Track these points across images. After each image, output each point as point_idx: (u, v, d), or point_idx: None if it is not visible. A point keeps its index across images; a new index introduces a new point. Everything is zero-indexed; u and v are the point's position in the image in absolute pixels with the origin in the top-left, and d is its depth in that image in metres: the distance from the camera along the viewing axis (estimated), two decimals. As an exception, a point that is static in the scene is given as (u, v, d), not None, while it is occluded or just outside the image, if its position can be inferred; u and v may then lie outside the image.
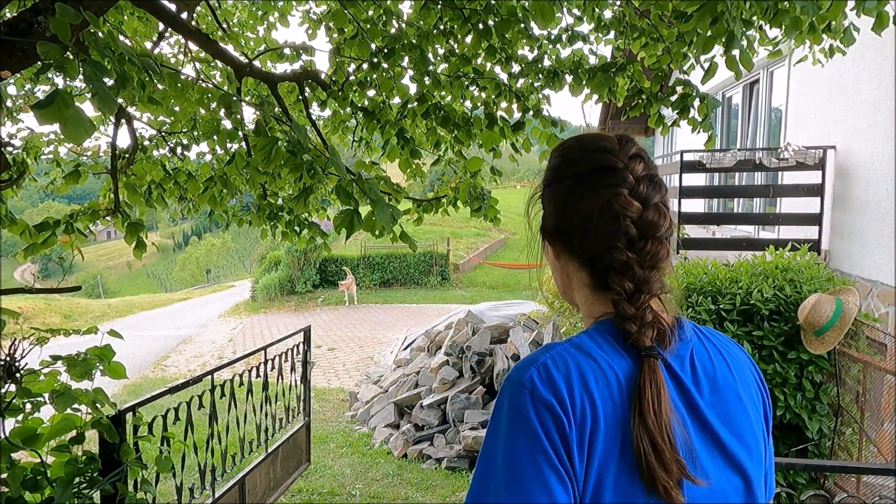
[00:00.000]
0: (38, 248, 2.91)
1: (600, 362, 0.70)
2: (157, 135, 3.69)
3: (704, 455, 0.70)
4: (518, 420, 0.66)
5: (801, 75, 5.63)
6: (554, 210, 0.83)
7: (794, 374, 3.12)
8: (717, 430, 0.72)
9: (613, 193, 0.76)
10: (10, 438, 1.81)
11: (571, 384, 0.67)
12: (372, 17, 2.95)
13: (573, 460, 0.64)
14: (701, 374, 0.74)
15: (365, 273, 18.33)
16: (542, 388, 0.66)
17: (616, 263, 0.75)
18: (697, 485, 0.67)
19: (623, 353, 0.72)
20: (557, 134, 2.92)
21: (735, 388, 0.75)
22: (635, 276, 0.74)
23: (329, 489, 4.90)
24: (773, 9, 2.07)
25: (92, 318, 18.00)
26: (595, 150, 0.80)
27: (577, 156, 0.81)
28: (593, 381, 0.68)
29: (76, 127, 1.21)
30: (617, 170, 0.77)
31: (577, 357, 0.70)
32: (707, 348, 0.77)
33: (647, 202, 0.76)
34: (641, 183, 0.77)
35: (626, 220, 0.75)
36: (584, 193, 0.78)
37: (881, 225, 4.21)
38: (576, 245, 0.80)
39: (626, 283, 0.74)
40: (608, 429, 0.66)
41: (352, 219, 1.72)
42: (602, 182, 0.77)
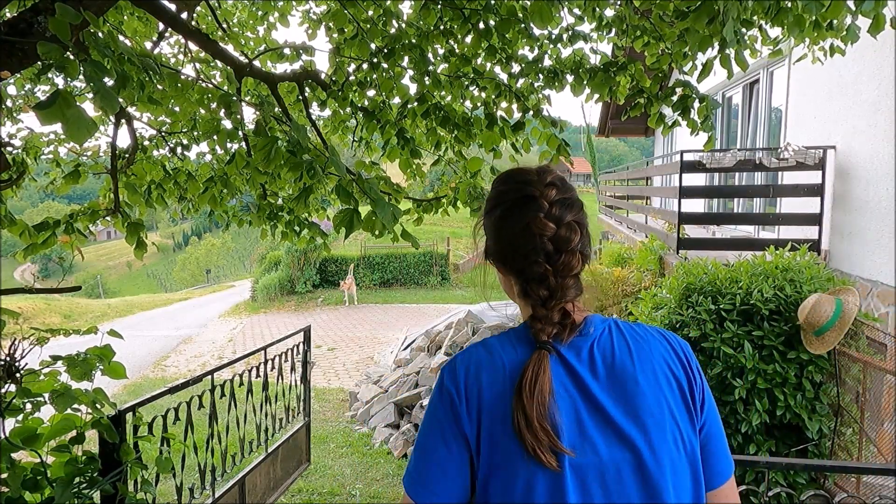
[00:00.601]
0: (38, 248, 2.91)
1: (494, 356, 0.90)
2: (157, 135, 3.68)
3: (594, 431, 0.84)
4: (433, 402, 0.92)
5: (801, 75, 5.63)
6: (491, 236, 1.00)
7: (794, 374, 3.12)
8: (609, 410, 0.85)
9: (532, 217, 0.91)
10: (10, 438, 1.81)
11: (467, 376, 0.89)
12: (372, 17, 2.94)
13: (463, 427, 0.87)
14: (599, 363, 0.89)
15: (365, 273, 18.32)
16: (447, 381, 0.91)
17: (535, 275, 0.91)
18: (567, 454, 0.82)
19: (522, 347, 0.90)
20: (557, 134, 2.92)
21: (634, 374, 0.88)
22: (549, 285, 0.91)
23: (329, 489, 4.90)
24: (774, 7, 2.07)
25: (92, 318, 17.99)
26: (518, 183, 0.96)
27: (504, 188, 0.98)
28: (484, 372, 0.89)
29: (78, 127, 1.21)
30: (535, 198, 0.93)
31: (479, 354, 0.92)
32: (613, 341, 0.91)
33: (560, 222, 0.92)
34: (555, 206, 0.92)
35: (543, 238, 0.91)
36: (510, 220, 0.95)
37: (881, 225, 4.21)
38: (508, 261, 0.97)
39: (542, 291, 0.91)
40: (491, 405, 0.86)
41: (351, 218, 1.72)
42: (523, 209, 0.93)
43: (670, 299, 3.57)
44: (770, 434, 3.22)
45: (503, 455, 0.85)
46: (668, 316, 3.51)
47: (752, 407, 3.13)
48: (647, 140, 13.61)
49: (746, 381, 3.13)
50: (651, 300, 3.76)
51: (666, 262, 6.07)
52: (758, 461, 2.02)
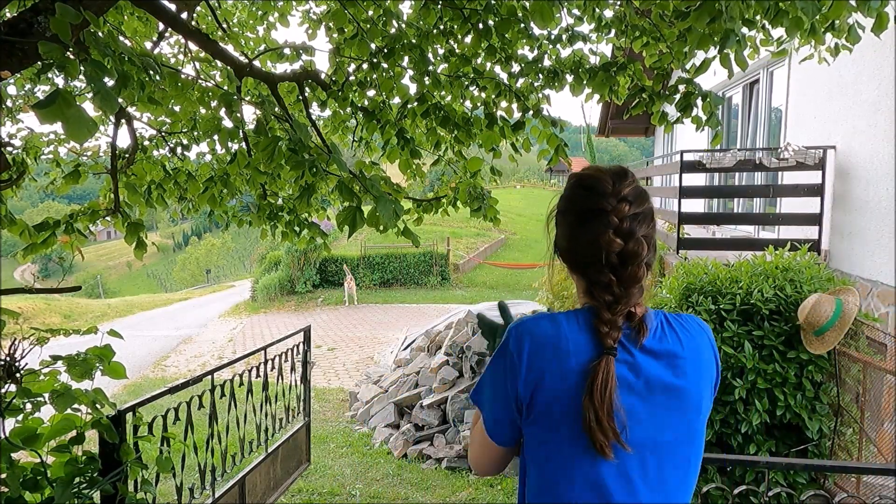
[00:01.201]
0: (38, 248, 2.91)
1: (561, 338, 0.98)
2: (157, 135, 3.68)
3: (647, 423, 0.97)
4: (496, 357, 1.03)
5: (801, 75, 5.64)
6: (562, 235, 1.08)
7: (794, 374, 3.12)
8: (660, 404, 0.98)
9: (601, 232, 0.99)
10: (10, 438, 1.81)
11: (533, 345, 0.98)
12: (372, 17, 2.94)
13: (518, 390, 0.98)
14: (653, 359, 0.99)
15: (365, 273, 18.32)
16: (512, 345, 1.00)
17: (600, 282, 1.00)
18: (626, 450, 0.94)
19: (586, 337, 0.98)
20: (557, 134, 2.92)
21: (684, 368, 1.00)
22: (614, 292, 0.99)
23: (329, 489, 4.90)
24: (773, 9, 2.07)
25: (92, 318, 17.99)
26: (593, 192, 1.02)
27: (579, 193, 1.05)
28: (549, 351, 0.97)
29: (79, 126, 1.21)
30: (606, 212, 0.99)
31: (546, 330, 0.99)
32: (667, 335, 1.01)
33: (630, 237, 0.98)
34: (626, 221, 0.99)
35: (611, 253, 0.98)
36: (580, 228, 1.03)
37: (881, 225, 4.21)
38: (576, 261, 1.06)
39: (607, 296, 0.99)
40: (552, 385, 0.96)
41: (354, 215, 1.72)
42: (594, 221, 1.00)
43: (670, 299, 3.57)
44: (770, 434, 3.22)
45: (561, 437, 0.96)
46: (668, 316, 3.51)
47: (752, 407, 3.13)
48: (647, 140, 13.61)
49: (746, 381, 3.13)
50: (651, 300, 3.76)
51: (666, 262, 6.07)
52: (758, 461, 2.03)
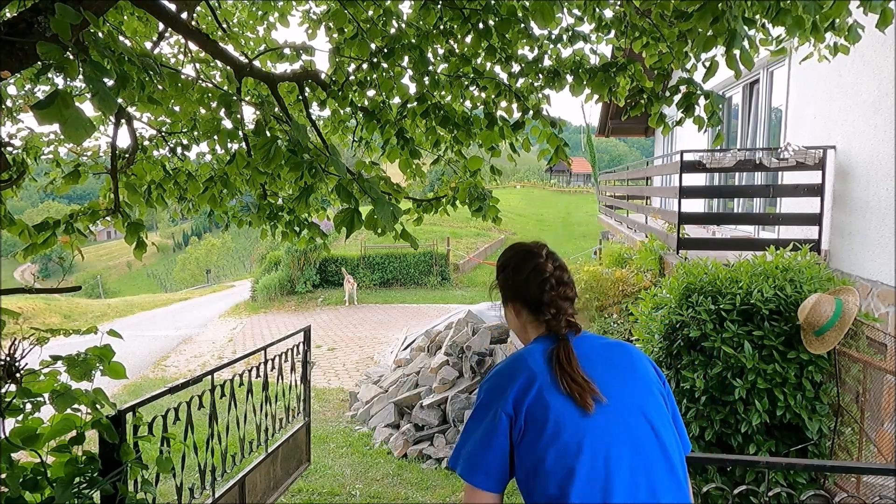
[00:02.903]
0: (38, 248, 2.91)
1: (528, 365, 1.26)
2: (157, 135, 3.68)
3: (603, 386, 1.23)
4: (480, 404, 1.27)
5: (801, 75, 5.63)
6: (507, 285, 1.44)
7: (794, 374, 3.12)
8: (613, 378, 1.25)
9: (537, 263, 1.38)
10: (10, 438, 1.81)
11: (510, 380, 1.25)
12: (372, 17, 2.94)
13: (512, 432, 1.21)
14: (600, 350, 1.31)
15: (365, 273, 18.32)
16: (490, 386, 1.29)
17: (545, 300, 1.34)
18: (601, 400, 1.20)
19: (546, 343, 1.30)
20: (557, 134, 2.92)
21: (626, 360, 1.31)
22: (556, 305, 1.34)
23: (329, 489, 4.90)
24: (774, 7, 2.07)
25: (92, 318, 17.99)
26: (520, 248, 1.45)
27: (511, 253, 1.46)
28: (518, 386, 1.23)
29: (76, 128, 1.21)
30: (535, 253, 1.41)
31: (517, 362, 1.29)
32: (602, 342, 1.35)
33: (554, 265, 1.39)
34: (548, 258, 1.40)
35: (546, 273, 1.36)
36: (521, 268, 1.40)
37: (881, 225, 4.21)
38: (524, 296, 1.39)
39: (551, 310, 1.34)
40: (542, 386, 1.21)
41: (352, 218, 1.72)
42: (529, 260, 1.40)
43: (670, 299, 3.57)
44: (770, 434, 3.22)
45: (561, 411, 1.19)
46: (668, 316, 3.51)
47: (752, 407, 3.13)
48: (647, 140, 13.61)
49: (746, 381, 3.13)
50: (651, 300, 3.76)
51: (666, 262, 6.07)
52: (758, 461, 2.02)
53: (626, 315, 6.57)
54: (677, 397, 3.40)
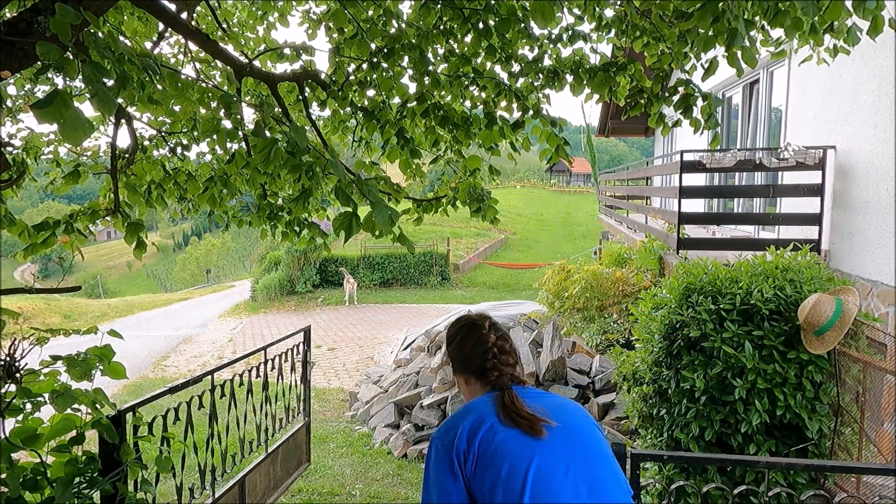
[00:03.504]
0: (38, 248, 2.90)
1: (477, 408, 1.40)
2: (157, 135, 3.68)
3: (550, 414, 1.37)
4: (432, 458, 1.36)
5: (801, 75, 5.63)
6: (457, 359, 1.59)
7: (794, 374, 3.12)
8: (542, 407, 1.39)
9: (480, 335, 1.55)
10: (10, 438, 1.81)
11: (462, 431, 1.34)
12: (372, 17, 2.94)
13: (465, 466, 1.31)
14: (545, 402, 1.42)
15: (365, 273, 18.32)
16: (441, 441, 1.37)
17: (489, 366, 1.50)
18: (552, 424, 1.34)
19: (492, 394, 1.45)
20: (557, 133, 2.92)
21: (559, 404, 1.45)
22: (499, 369, 1.49)
23: (329, 489, 4.90)
24: (773, 9, 2.07)
25: (92, 318, 17.99)
26: (466, 322, 1.61)
27: (458, 326, 1.62)
28: (472, 423, 1.35)
29: (75, 128, 1.21)
30: (478, 325, 1.58)
31: (465, 415, 1.40)
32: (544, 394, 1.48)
33: (496, 336, 1.55)
34: (490, 329, 1.57)
35: (489, 344, 1.52)
36: (467, 340, 1.56)
37: (881, 225, 4.21)
38: (470, 365, 1.54)
39: (495, 373, 1.49)
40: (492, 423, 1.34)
41: (350, 221, 1.72)
42: (473, 332, 1.56)
43: (670, 299, 3.57)
44: (770, 434, 3.22)
45: (515, 444, 1.30)
46: (668, 316, 3.51)
47: (752, 407, 3.13)
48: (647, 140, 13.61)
49: (746, 381, 3.13)
50: (651, 300, 3.76)
51: (666, 262, 6.07)
52: (758, 461, 2.03)
53: (626, 315, 6.57)
54: (677, 397, 3.40)
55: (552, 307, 7.92)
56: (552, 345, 5.58)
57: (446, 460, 1.32)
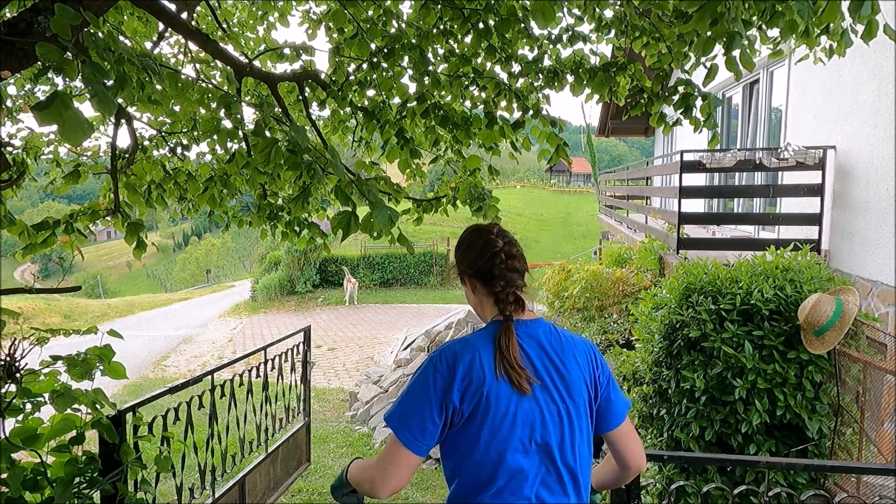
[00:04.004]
0: (38, 248, 2.90)
1: (474, 344, 1.39)
2: (157, 135, 3.68)
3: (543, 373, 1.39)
4: (422, 375, 1.38)
5: (801, 75, 5.63)
6: (462, 260, 1.55)
7: (794, 374, 3.12)
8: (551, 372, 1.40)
9: (487, 239, 1.50)
10: (10, 438, 1.81)
11: (454, 359, 1.36)
12: (372, 17, 2.94)
13: (451, 399, 1.33)
14: (545, 342, 1.43)
15: (365, 273, 18.32)
16: (436, 361, 1.38)
17: (496, 271, 1.46)
18: (536, 382, 1.37)
19: (495, 326, 1.42)
20: (557, 133, 2.92)
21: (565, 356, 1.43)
22: (506, 277, 1.45)
23: (329, 489, 4.91)
24: (769, 10, 2.07)
25: (92, 318, 18.00)
26: (473, 229, 1.57)
27: (465, 235, 1.58)
28: (463, 357, 1.36)
29: (75, 129, 1.20)
30: (485, 230, 1.54)
31: (462, 344, 1.40)
32: (554, 333, 1.46)
33: (504, 241, 1.50)
34: (498, 235, 1.52)
35: (497, 247, 1.48)
36: (474, 245, 1.53)
37: (881, 225, 4.21)
38: (477, 267, 1.50)
39: (501, 282, 1.45)
40: (480, 370, 1.34)
41: (349, 220, 1.72)
42: (480, 237, 1.53)
43: (670, 299, 3.57)
44: (770, 434, 3.22)
45: (497, 395, 1.34)
46: (668, 316, 3.51)
47: (752, 407, 3.13)
48: (647, 140, 13.61)
49: (746, 381, 3.13)
50: (651, 300, 3.76)
51: (666, 262, 6.07)
52: (758, 461, 2.03)
53: (626, 315, 6.57)
54: (677, 397, 3.40)
55: (552, 307, 7.92)
56: (552, 345, 5.58)
57: (438, 396, 1.34)
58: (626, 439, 1.50)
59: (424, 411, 1.34)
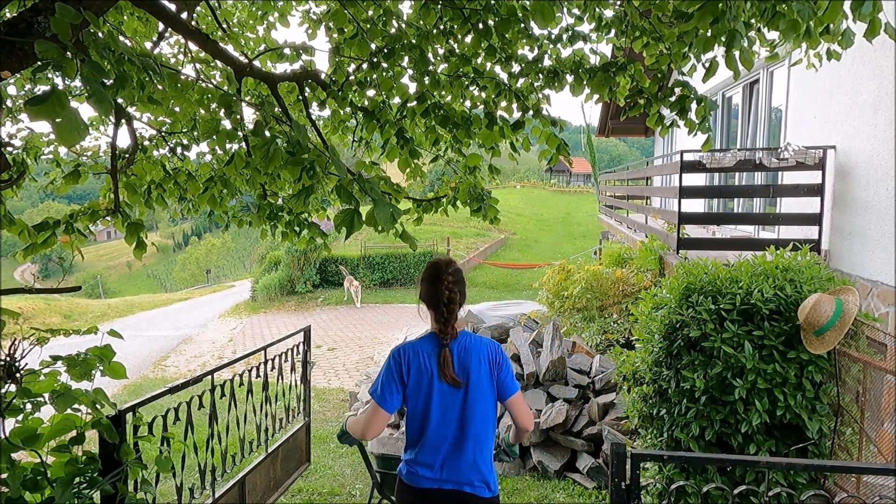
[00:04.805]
0: (38, 248, 2.90)
1: (419, 347, 2.24)
2: (157, 135, 3.68)
3: (458, 372, 2.21)
4: (388, 364, 2.23)
5: (801, 75, 5.63)
6: (421, 288, 2.28)
7: (794, 374, 3.12)
8: (465, 371, 2.22)
9: (438, 286, 2.21)
10: (10, 438, 1.81)
11: (407, 356, 2.22)
12: (372, 17, 2.94)
13: (403, 378, 2.21)
14: (463, 351, 2.23)
15: (365, 273, 18.31)
16: (397, 357, 2.23)
17: (440, 311, 2.21)
18: (461, 384, 2.20)
19: (435, 342, 2.23)
20: (557, 133, 2.92)
21: (472, 356, 2.23)
22: (444, 316, 2.21)
23: (329, 489, 4.90)
24: (770, 10, 2.07)
25: (92, 318, 18.00)
26: (434, 269, 2.26)
27: (429, 272, 2.27)
28: (415, 356, 2.22)
29: (69, 129, 1.20)
30: (440, 278, 2.22)
31: (414, 347, 2.24)
32: (469, 342, 2.24)
33: (452, 289, 2.21)
34: (449, 283, 2.22)
35: (443, 297, 2.20)
36: (429, 286, 2.24)
37: (881, 225, 4.21)
38: (429, 302, 2.25)
39: (442, 319, 2.21)
40: (421, 368, 2.20)
41: (352, 218, 1.72)
42: (435, 282, 2.22)
43: (670, 299, 3.56)
44: (770, 434, 3.22)
45: (426, 386, 2.20)
46: (668, 316, 3.51)
47: (752, 407, 3.13)
48: (647, 140, 13.61)
49: (746, 381, 3.13)
50: (651, 300, 3.76)
51: (666, 262, 6.07)
52: (758, 461, 2.02)
53: (626, 315, 6.57)
54: (677, 397, 3.40)
55: (552, 307, 7.92)
56: (552, 345, 5.58)
57: (399, 378, 2.21)
58: (515, 408, 2.29)
59: (392, 386, 2.20)
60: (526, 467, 5.00)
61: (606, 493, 4.44)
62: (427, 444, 2.22)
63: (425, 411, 2.19)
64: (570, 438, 4.88)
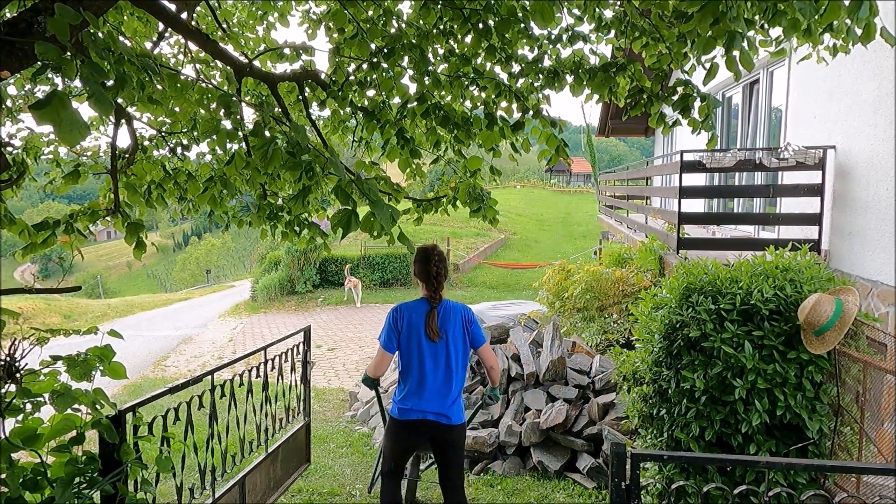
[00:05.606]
0: (38, 248, 2.91)
1: (413, 306, 3.15)
2: (157, 135, 3.68)
3: (441, 329, 3.12)
4: (389, 317, 3.17)
5: (801, 75, 5.63)
6: (414, 268, 3.20)
7: (794, 374, 3.12)
8: (444, 329, 3.13)
9: (426, 265, 3.15)
10: (10, 438, 1.81)
11: (402, 312, 3.14)
12: (372, 17, 2.94)
13: (398, 327, 3.13)
14: (445, 314, 3.14)
15: (365, 273, 18.31)
16: (395, 312, 3.17)
17: (430, 284, 3.14)
18: (442, 337, 3.10)
19: (426, 304, 3.13)
20: (556, 134, 2.92)
21: (449, 319, 3.14)
22: (434, 287, 3.14)
23: (329, 489, 4.90)
24: (771, 9, 2.07)
25: (92, 318, 18.00)
26: (424, 252, 3.18)
27: (419, 255, 3.19)
28: (408, 312, 3.13)
29: (71, 130, 1.20)
30: (429, 259, 3.15)
31: (408, 305, 3.17)
32: (449, 308, 3.17)
33: (438, 266, 3.16)
34: (436, 262, 3.16)
35: (431, 273, 3.14)
36: (420, 264, 3.18)
37: (881, 225, 4.21)
38: (420, 277, 3.18)
39: (431, 289, 3.14)
40: (412, 322, 3.11)
41: (349, 219, 1.72)
42: (427, 261, 3.15)
43: (670, 299, 3.56)
44: (770, 434, 3.22)
45: (415, 339, 3.09)
46: (668, 316, 3.51)
47: (752, 407, 3.13)
48: (647, 140, 13.61)
49: (746, 381, 3.13)
50: (651, 300, 3.76)
51: (666, 262, 6.07)
52: (758, 461, 2.02)
53: (626, 315, 6.57)
54: (677, 397, 3.40)
55: (552, 307, 7.92)
56: (552, 345, 5.58)
57: (395, 326, 3.09)
58: (484, 353, 3.17)
59: (390, 333, 3.09)
60: (526, 467, 5.00)
61: (606, 493, 4.44)
62: (413, 384, 3.05)
63: (412, 357, 3.05)
64: (570, 438, 4.89)
